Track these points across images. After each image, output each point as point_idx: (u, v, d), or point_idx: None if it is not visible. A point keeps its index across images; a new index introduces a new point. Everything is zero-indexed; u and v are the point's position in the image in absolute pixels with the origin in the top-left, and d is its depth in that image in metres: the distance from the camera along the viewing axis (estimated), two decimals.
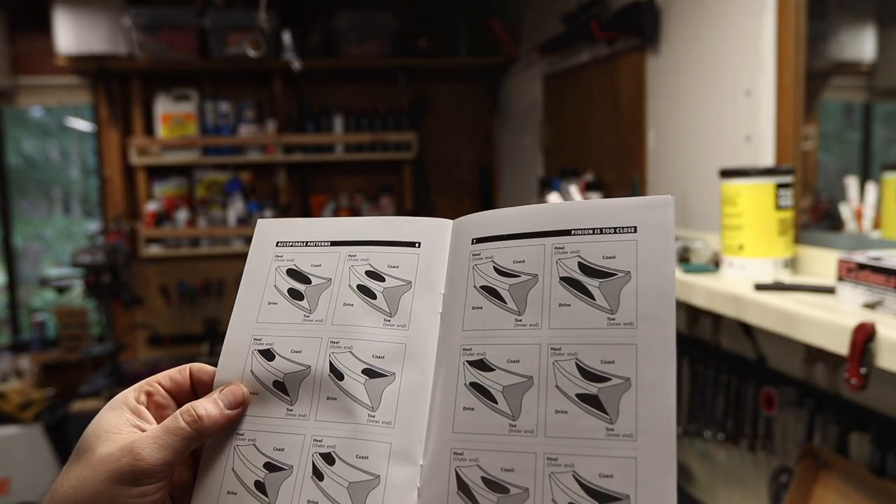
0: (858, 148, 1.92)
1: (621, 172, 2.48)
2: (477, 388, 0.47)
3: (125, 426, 0.48)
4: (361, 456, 0.48)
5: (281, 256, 0.56)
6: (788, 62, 1.64)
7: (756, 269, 1.51)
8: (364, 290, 0.53)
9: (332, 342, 0.51)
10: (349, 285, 0.53)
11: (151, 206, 3.60)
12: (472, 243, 0.52)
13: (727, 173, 1.55)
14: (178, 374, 0.52)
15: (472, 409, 0.47)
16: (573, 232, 0.48)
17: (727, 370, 1.85)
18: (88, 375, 3.46)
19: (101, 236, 3.58)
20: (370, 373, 0.50)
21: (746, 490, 1.88)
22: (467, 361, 0.48)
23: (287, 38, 3.53)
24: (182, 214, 3.63)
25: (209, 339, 3.54)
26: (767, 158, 1.71)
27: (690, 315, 2.03)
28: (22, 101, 3.76)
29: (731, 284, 1.49)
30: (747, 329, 1.75)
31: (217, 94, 3.72)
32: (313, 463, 0.48)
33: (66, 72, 3.53)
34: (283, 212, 3.71)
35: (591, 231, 0.48)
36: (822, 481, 1.51)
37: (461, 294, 0.51)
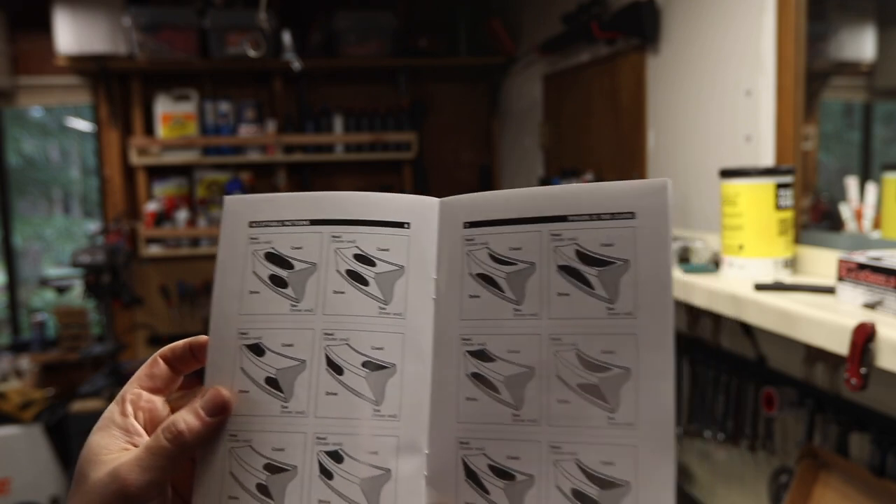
0: (858, 148, 1.92)
1: (621, 172, 2.48)
2: (479, 378, 0.47)
3: (115, 446, 0.47)
4: (371, 452, 0.47)
5: (256, 238, 0.51)
6: (788, 62, 1.64)
7: (756, 269, 1.51)
8: (355, 276, 0.50)
9: (325, 334, 0.49)
10: (337, 270, 0.50)
11: (151, 206, 3.60)
12: (465, 227, 0.50)
13: (727, 173, 1.55)
14: (153, 368, 0.51)
15: (476, 399, 0.47)
16: (570, 218, 0.47)
17: (727, 370, 1.85)
18: (88, 375, 3.46)
19: (101, 236, 3.58)
20: (371, 365, 0.48)
21: (746, 490, 1.88)
22: (468, 351, 0.48)
23: (287, 38, 3.53)
24: (182, 214, 3.63)
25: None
26: (767, 158, 1.71)
27: (690, 315, 2.03)
28: (22, 101, 3.75)
29: (731, 284, 1.49)
30: (747, 329, 1.75)
31: (217, 94, 3.71)
32: (320, 462, 0.47)
33: (66, 72, 3.53)
34: None
35: (587, 217, 0.47)
36: (822, 481, 1.51)
37: (457, 281, 0.49)
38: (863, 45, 1.73)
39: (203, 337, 0.51)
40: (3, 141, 3.88)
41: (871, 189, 1.50)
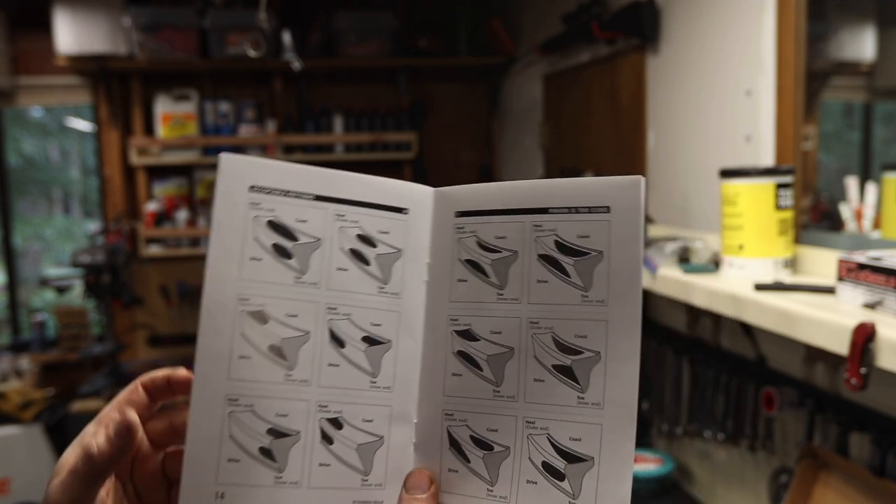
0: (858, 148, 1.92)
1: (621, 172, 2.47)
2: (464, 356, 0.51)
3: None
4: (367, 420, 0.50)
5: (258, 204, 0.50)
6: (788, 62, 1.64)
7: (756, 269, 1.51)
8: (357, 255, 0.52)
9: (329, 308, 0.51)
10: (341, 248, 0.52)
11: (151, 206, 3.60)
12: (456, 216, 0.53)
13: (727, 173, 1.55)
14: (133, 395, 0.52)
15: (460, 374, 0.51)
16: (550, 210, 0.50)
17: (727, 370, 1.85)
18: (88, 375, 3.46)
19: (101, 236, 3.58)
20: (370, 340, 0.51)
21: (746, 490, 1.88)
22: (455, 331, 0.52)
23: (287, 38, 3.53)
24: (182, 214, 3.63)
25: None
26: (767, 158, 1.71)
27: (690, 315, 2.03)
28: (22, 101, 3.75)
29: (731, 284, 1.49)
30: (747, 329, 1.75)
31: (217, 94, 3.71)
32: (321, 428, 0.50)
33: (66, 72, 3.53)
34: None
35: (566, 210, 0.50)
36: (822, 481, 1.51)
37: (447, 266, 0.53)
38: (863, 45, 1.73)
39: (181, 370, 0.52)
40: (3, 141, 3.88)
41: (871, 189, 1.50)
